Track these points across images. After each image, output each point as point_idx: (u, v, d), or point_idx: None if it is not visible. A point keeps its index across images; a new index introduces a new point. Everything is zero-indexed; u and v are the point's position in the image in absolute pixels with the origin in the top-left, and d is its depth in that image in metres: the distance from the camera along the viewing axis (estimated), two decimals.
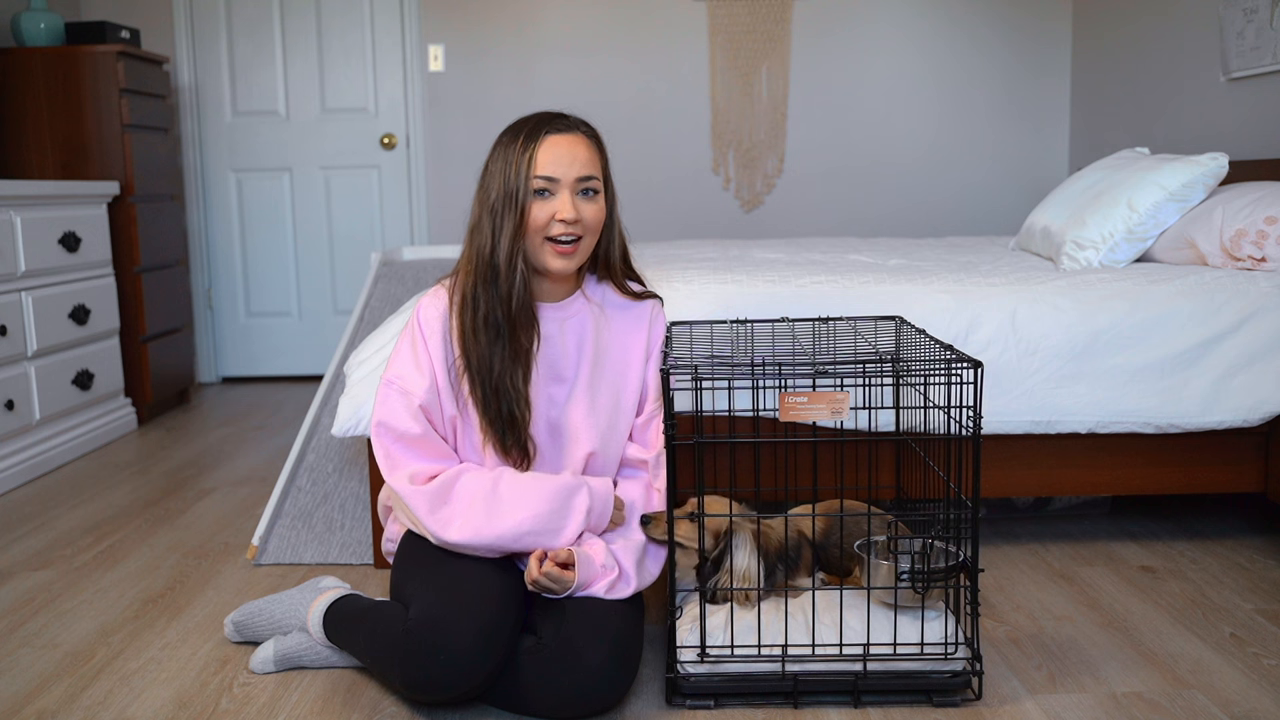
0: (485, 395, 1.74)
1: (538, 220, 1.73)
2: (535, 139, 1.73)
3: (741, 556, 1.75)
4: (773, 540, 1.82)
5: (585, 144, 1.76)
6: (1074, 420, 2.27)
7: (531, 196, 1.72)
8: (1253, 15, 3.30)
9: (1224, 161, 2.68)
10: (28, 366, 3.22)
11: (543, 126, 1.74)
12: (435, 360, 1.76)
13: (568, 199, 1.73)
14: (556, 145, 1.73)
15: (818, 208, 4.76)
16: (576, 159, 1.74)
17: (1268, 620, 2.01)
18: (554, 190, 1.73)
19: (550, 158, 1.72)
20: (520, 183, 1.71)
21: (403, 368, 1.77)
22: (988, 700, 1.71)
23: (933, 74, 4.70)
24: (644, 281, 1.93)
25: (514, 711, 1.67)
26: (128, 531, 2.65)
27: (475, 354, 1.74)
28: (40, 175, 3.84)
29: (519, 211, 1.72)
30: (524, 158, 1.72)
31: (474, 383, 1.75)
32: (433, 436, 1.76)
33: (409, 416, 1.74)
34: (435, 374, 1.76)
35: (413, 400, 1.74)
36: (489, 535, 1.68)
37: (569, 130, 1.76)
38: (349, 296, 4.83)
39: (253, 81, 4.73)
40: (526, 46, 4.66)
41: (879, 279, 2.45)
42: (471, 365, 1.75)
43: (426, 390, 1.75)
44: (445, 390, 1.76)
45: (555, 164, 1.72)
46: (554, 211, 1.73)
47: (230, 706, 1.73)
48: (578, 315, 1.84)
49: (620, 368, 1.86)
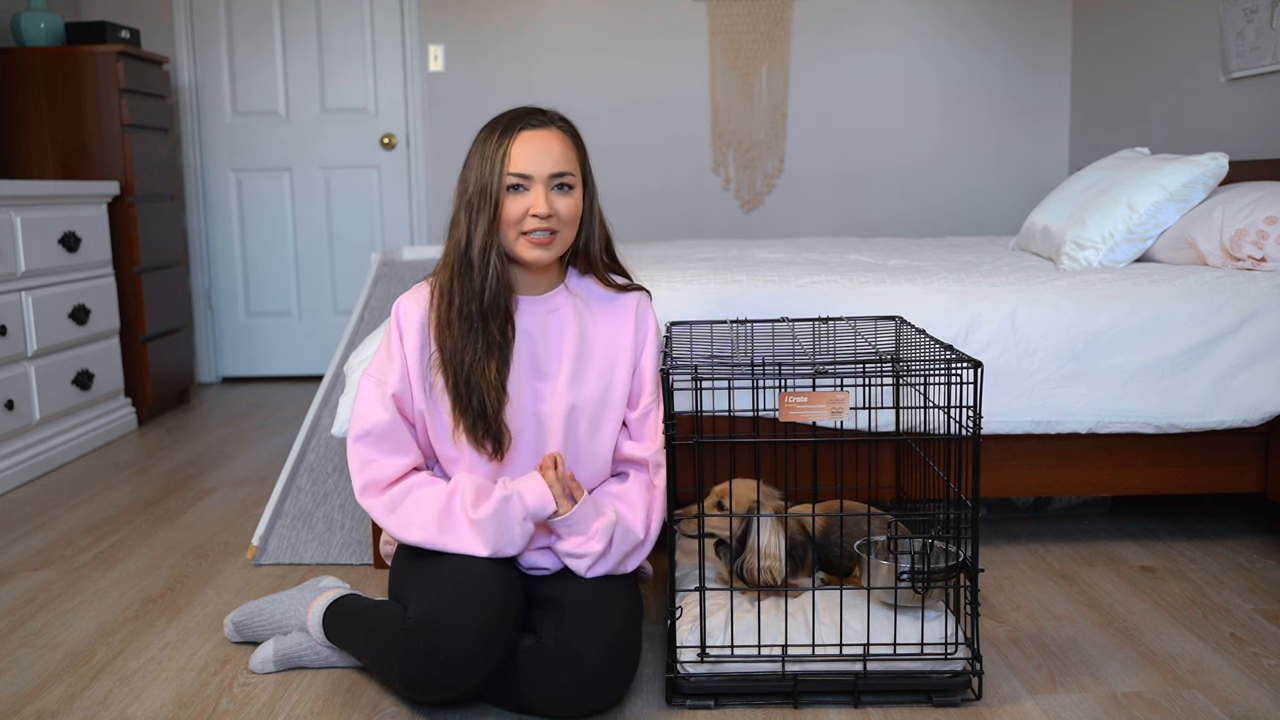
0: (458, 386, 1.76)
1: (512, 214, 1.75)
2: (510, 135, 1.75)
3: (766, 534, 1.76)
4: (794, 523, 1.85)
5: (560, 139, 1.77)
6: (1074, 420, 2.27)
7: (505, 192, 1.74)
8: (1253, 15, 3.30)
9: (1224, 161, 2.68)
10: (28, 366, 3.22)
11: (518, 123, 1.76)
12: (409, 352, 1.79)
13: (541, 194, 1.74)
14: (530, 141, 1.74)
15: (818, 208, 4.76)
16: (550, 155, 1.75)
17: (1268, 620, 2.01)
18: (528, 185, 1.75)
19: (523, 154, 1.74)
20: (494, 178, 1.73)
21: (380, 359, 1.83)
22: (988, 700, 1.71)
23: (932, 75, 4.70)
24: (629, 275, 1.94)
25: (514, 711, 1.67)
26: (128, 531, 2.65)
27: (449, 345, 1.77)
28: (40, 175, 3.84)
29: (493, 206, 1.74)
30: (498, 154, 1.74)
31: (448, 374, 1.77)
32: (398, 426, 1.80)
33: (380, 405, 1.79)
34: (407, 366, 1.79)
35: (385, 390, 1.79)
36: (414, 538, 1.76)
37: (543, 126, 1.77)
38: (349, 296, 4.83)
39: (253, 81, 4.73)
40: (526, 46, 4.66)
41: (879, 279, 2.45)
42: (445, 356, 1.77)
43: (398, 380, 1.79)
44: (417, 382, 1.79)
45: (528, 160, 1.74)
46: (527, 206, 1.74)
47: (230, 706, 1.73)
48: (559, 309, 1.85)
49: (608, 361, 1.86)
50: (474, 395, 1.75)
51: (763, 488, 1.84)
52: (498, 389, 1.76)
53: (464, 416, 1.76)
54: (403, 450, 1.80)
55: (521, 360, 1.81)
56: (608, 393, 1.86)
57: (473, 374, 1.75)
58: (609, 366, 1.86)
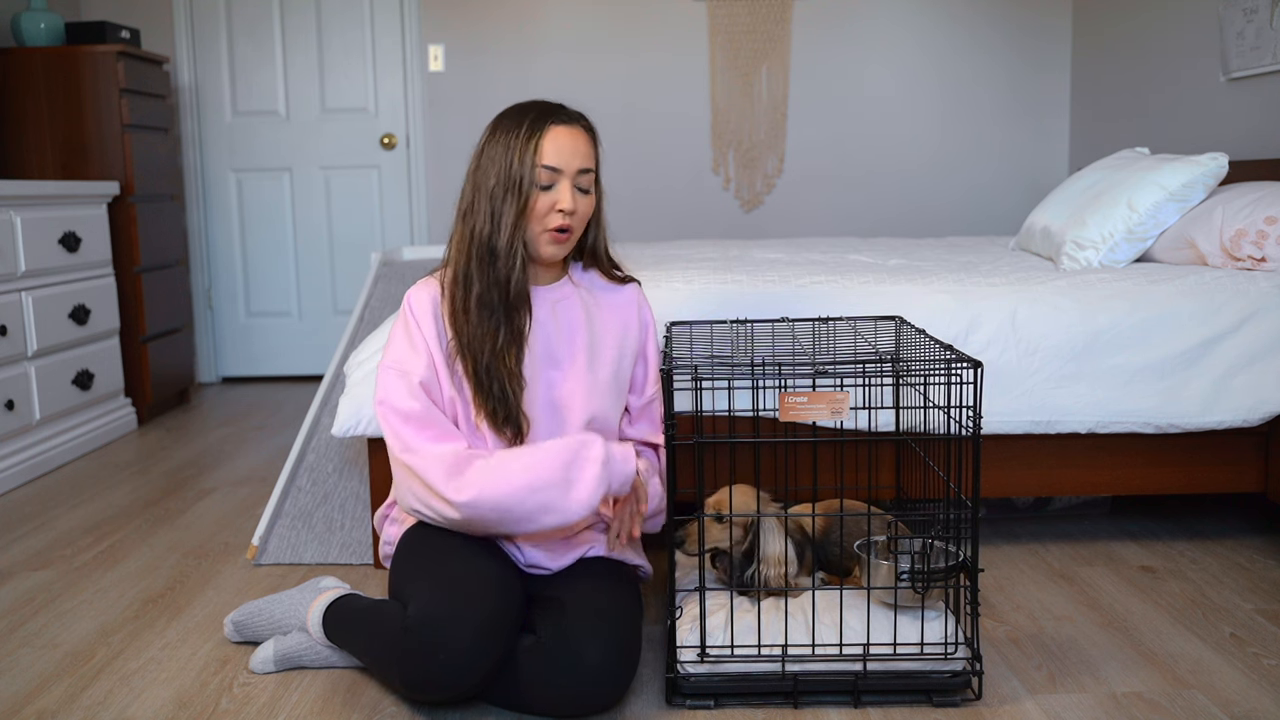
0: (478, 373, 1.76)
1: (540, 209, 1.76)
2: (541, 128, 1.76)
3: (771, 541, 1.77)
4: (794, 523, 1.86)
5: (585, 137, 1.80)
6: (1074, 420, 2.27)
7: (536, 185, 1.75)
8: (1253, 15, 3.29)
9: (1224, 161, 2.68)
10: (28, 366, 3.22)
11: (548, 116, 1.78)
12: (430, 341, 1.78)
13: (568, 190, 1.76)
14: (560, 136, 1.76)
15: (818, 208, 4.76)
16: (578, 151, 1.77)
17: (1268, 620, 2.01)
18: (556, 180, 1.76)
19: (555, 148, 1.75)
20: (525, 171, 1.74)
21: (399, 352, 1.79)
22: (988, 700, 1.71)
23: (932, 74, 4.70)
24: (623, 268, 1.99)
25: (513, 710, 1.67)
26: (128, 531, 2.65)
27: (467, 332, 1.77)
28: (40, 175, 3.84)
29: (523, 198, 1.74)
30: (529, 146, 1.74)
31: (466, 360, 1.77)
32: (435, 413, 1.76)
33: (408, 395, 1.75)
34: (431, 354, 1.78)
35: (412, 379, 1.76)
36: (500, 490, 1.65)
37: (572, 122, 1.79)
38: (349, 296, 4.83)
39: (253, 81, 4.73)
40: (526, 46, 4.66)
41: (879, 279, 2.45)
42: (463, 343, 1.77)
43: (425, 368, 1.77)
44: (443, 370, 1.79)
45: (559, 154, 1.75)
46: (555, 202, 1.76)
47: (230, 706, 1.73)
48: (567, 299, 1.88)
49: (618, 348, 1.90)
50: (495, 382, 1.76)
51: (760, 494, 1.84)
52: (518, 376, 1.78)
53: (485, 403, 1.77)
54: (446, 435, 1.74)
55: (536, 348, 1.83)
56: (618, 378, 1.89)
57: (493, 361, 1.76)
58: (619, 354, 1.90)
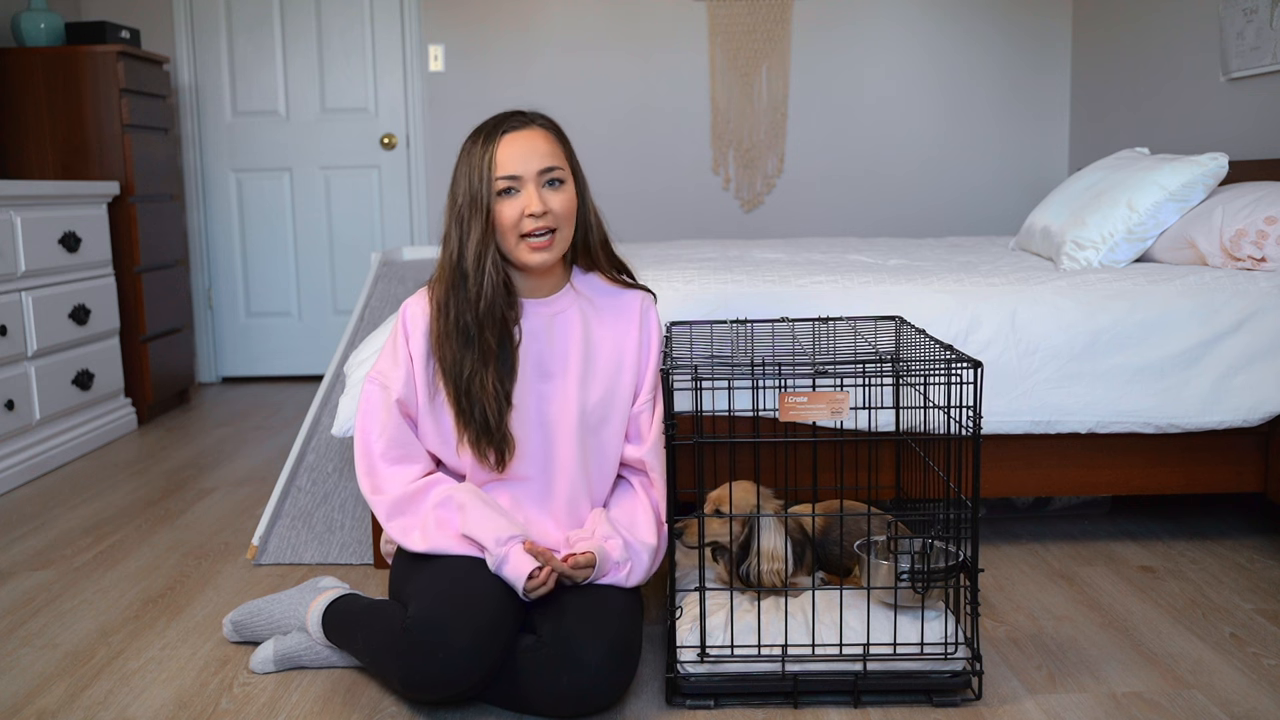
0: (459, 399, 1.77)
1: (508, 218, 1.74)
2: (493, 140, 1.75)
3: (769, 537, 1.76)
4: (793, 523, 1.85)
5: (543, 136, 1.78)
6: (1074, 420, 2.27)
7: (495, 197, 1.74)
8: (1253, 15, 3.29)
9: (1224, 161, 2.68)
10: (28, 366, 3.22)
11: (499, 127, 1.76)
12: (415, 356, 1.81)
13: (533, 192, 1.74)
14: (514, 143, 1.75)
15: (818, 208, 4.76)
16: (536, 152, 1.75)
17: (1268, 620, 2.01)
18: (519, 186, 1.75)
19: (509, 156, 1.74)
20: (482, 185, 1.74)
21: (384, 363, 1.84)
22: (988, 700, 1.71)
23: (932, 74, 4.70)
24: (631, 271, 1.94)
25: (513, 710, 1.67)
26: (128, 531, 2.65)
27: (448, 359, 1.78)
28: (40, 175, 3.84)
29: (485, 213, 1.74)
30: (484, 160, 1.74)
31: (448, 385, 1.79)
32: (404, 433, 1.82)
33: (384, 411, 1.80)
34: (413, 370, 1.81)
35: (390, 395, 1.81)
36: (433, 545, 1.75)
37: (525, 126, 1.77)
38: (349, 296, 4.83)
39: (253, 81, 4.73)
40: (526, 46, 4.66)
41: (879, 279, 2.45)
42: (445, 369, 1.78)
43: (403, 384, 1.80)
44: (422, 387, 1.80)
45: (514, 161, 1.74)
46: (522, 207, 1.74)
47: (230, 706, 1.73)
48: (566, 310, 1.85)
49: (614, 363, 1.86)
50: (475, 407, 1.76)
51: (761, 490, 1.84)
52: (497, 398, 1.77)
53: (468, 429, 1.78)
54: (410, 458, 1.83)
55: (527, 364, 1.81)
56: (614, 394, 1.86)
57: (471, 385, 1.76)
58: (615, 368, 1.86)
